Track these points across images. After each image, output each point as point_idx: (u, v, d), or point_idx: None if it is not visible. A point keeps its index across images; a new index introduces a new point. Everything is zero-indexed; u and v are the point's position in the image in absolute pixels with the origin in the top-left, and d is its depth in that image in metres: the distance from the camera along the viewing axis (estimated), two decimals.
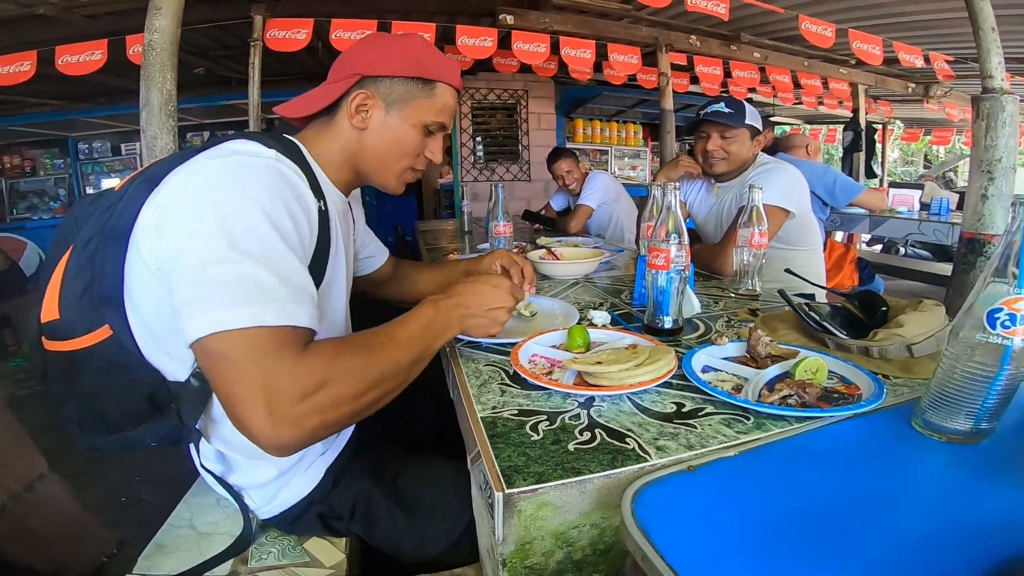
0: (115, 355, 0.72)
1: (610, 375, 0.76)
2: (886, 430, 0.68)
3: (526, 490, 0.55)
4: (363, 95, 0.85)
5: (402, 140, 0.88)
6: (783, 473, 0.58)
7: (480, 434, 0.67)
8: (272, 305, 0.61)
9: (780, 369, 0.84)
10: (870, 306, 1.08)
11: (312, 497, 0.90)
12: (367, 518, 0.91)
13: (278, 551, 0.90)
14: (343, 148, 0.87)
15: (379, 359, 0.70)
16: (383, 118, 0.86)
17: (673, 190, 1.03)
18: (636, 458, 0.60)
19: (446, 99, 0.90)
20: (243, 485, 0.86)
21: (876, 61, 3.59)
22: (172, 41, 2.23)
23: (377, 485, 0.92)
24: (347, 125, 0.86)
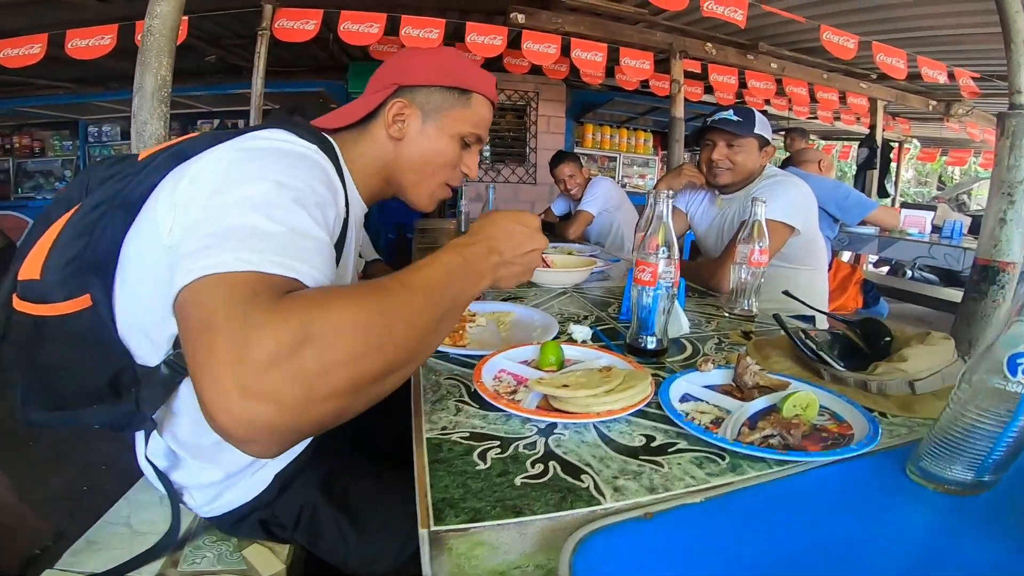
0: (88, 328, 0.68)
1: (576, 400, 0.70)
2: (877, 476, 0.61)
3: (455, 529, 0.49)
4: (400, 104, 0.84)
5: (439, 151, 0.87)
6: (755, 524, 0.51)
7: (421, 458, 0.60)
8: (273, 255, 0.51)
9: (767, 402, 0.77)
10: (873, 335, 1.00)
11: (255, 503, 0.86)
12: (312, 529, 0.87)
13: (214, 555, 0.86)
14: (377, 157, 0.86)
15: (389, 309, 0.50)
16: (420, 128, 0.85)
17: (665, 199, 0.96)
18: (588, 499, 0.53)
19: (482, 111, 0.89)
20: (186, 484, 0.83)
21: (900, 75, 3.50)
22: (172, 27, 2.20)
23: (326, 496, 0.88)
24: (383, 135, 0.85)
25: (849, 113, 5.54)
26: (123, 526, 0.89)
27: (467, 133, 0.88)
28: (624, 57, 3.77)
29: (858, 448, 0.61)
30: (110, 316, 0.69)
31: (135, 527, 0.89)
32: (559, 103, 5.90)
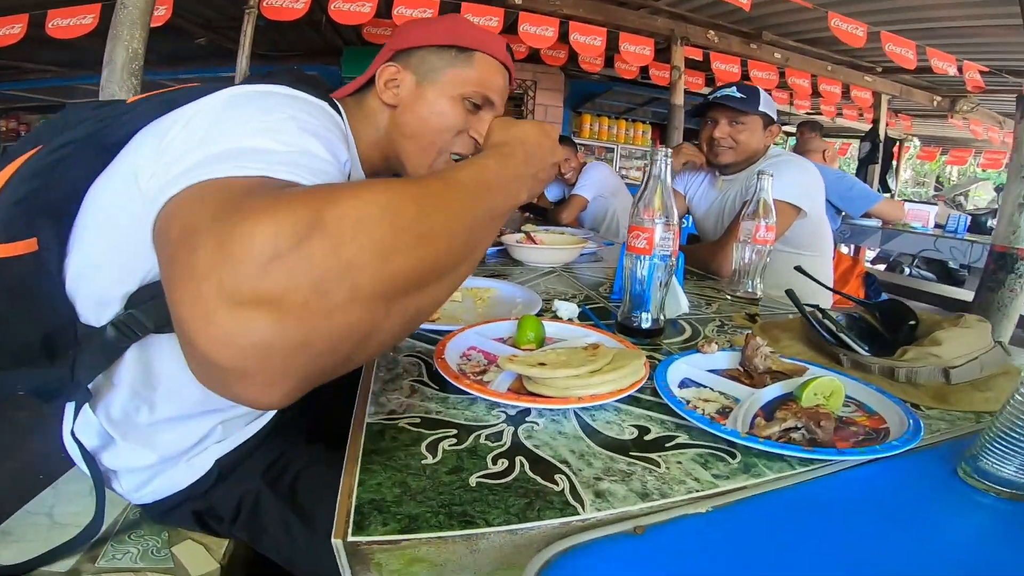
0: (28, 275, 0.61)
1: (554, 382, 0.57)
2: (921, 478, 0.49)
3: (382, 540, 0.36)
4: (393, 68, 0.79)
5: (438, 113, 0.80)
6: (775, 539, 0.39)
7: (354, 447, 0.48)
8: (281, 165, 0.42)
9: (782, 389, 0.65)
10: (895, 319, 0.89)
11: (190, 491, 0.76)
12: (253, 523, 0.78)
13: (138, 551, 0.77)
14: (375, 128, 0.82)
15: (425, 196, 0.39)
16: (415, 91, 0.80)
17: (664, 158, 0.83)
18: (562, 507, 0.40)
19: (489, 71, 0.82)
20: (115, 468, 0.75)
21: (910, 65, 3.39)
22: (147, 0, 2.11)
23: (271, 486, 0.78)
24: (378, 103, 0.81)
25: (852, 108, 5.43)
26: (44, 516, 0.82)
27: (471, 94, 0.80)
28: (624, 43, 3.63)
29: (901, 445, 0.49)
30: (58, 266, 0.62)
31: (56, 518, 0.82)
32: (557, 92, 5.76)
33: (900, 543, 0.41)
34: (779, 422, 0.52)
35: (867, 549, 0.39)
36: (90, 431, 0.73)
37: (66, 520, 0.81)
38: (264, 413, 0.85)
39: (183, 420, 0.73)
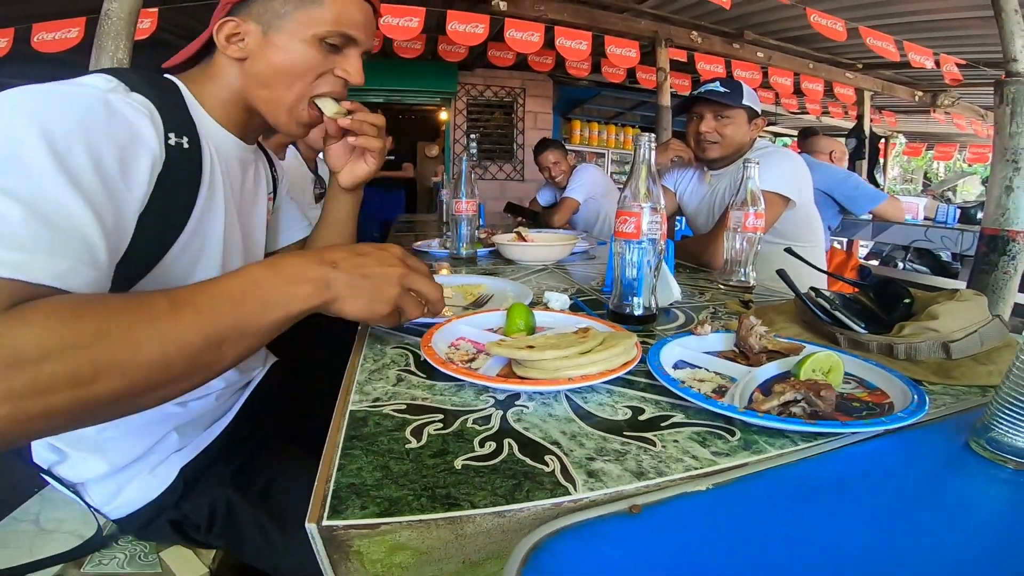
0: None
1: (543, 364, 0.55)
2: (931, 451, 0.47)
3: (360, 524, 0.34)
4: (233, 22, 0.73)
5: (292, 58, 0.74)
6: (780, 517, 0.37)
7: (335, 434, 0.45)
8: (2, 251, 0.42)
9: (779, 368, 0.63)
10: (889, 298, 0.87)
11: (161, 502, 0.74)
12: (230, 531, 0.75)
13: (125, 557, 0.75)
14: (227, 86, 0.76)
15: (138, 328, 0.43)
16: (263, 40, 0.74)
17: (647, 143, 0.82)
18: (552, 488, 0.38)
19: (343, 7, 0.75)
20: (77, 480, 0.73)
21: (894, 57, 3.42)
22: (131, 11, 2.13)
23: (241, 493, 0.76)
24: (225, 60, 0.75)
25: (836, 106, 5.48)
26: (30, 523, 0.81)
27: (326, 33, 0.74)
28: (610, 46, 3.65)
29: (908, 416, 0.47)
30: None
31: (43, 525, 0.81)
32: (546, 99, 5.79)
33: (914, 518, 0.38)
34: (777, 395, 0.50)
35: (880, 525, 0.37)
36: (42, 446, 0.72)
37: (51, 526, 0.80)
38: (222, 417, 0.83)
39: (130, 425, 0.71)
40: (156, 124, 0.61)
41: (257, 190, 0.89)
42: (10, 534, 0.79)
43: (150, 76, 0.68)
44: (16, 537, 0.78)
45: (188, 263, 0.69)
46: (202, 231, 0.70)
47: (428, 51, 4.47)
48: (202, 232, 0.70)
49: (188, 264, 0.69)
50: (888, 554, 0.33)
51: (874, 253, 5.75)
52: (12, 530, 0.79)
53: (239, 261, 0.81)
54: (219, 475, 0.76)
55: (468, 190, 1.48)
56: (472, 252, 1.52)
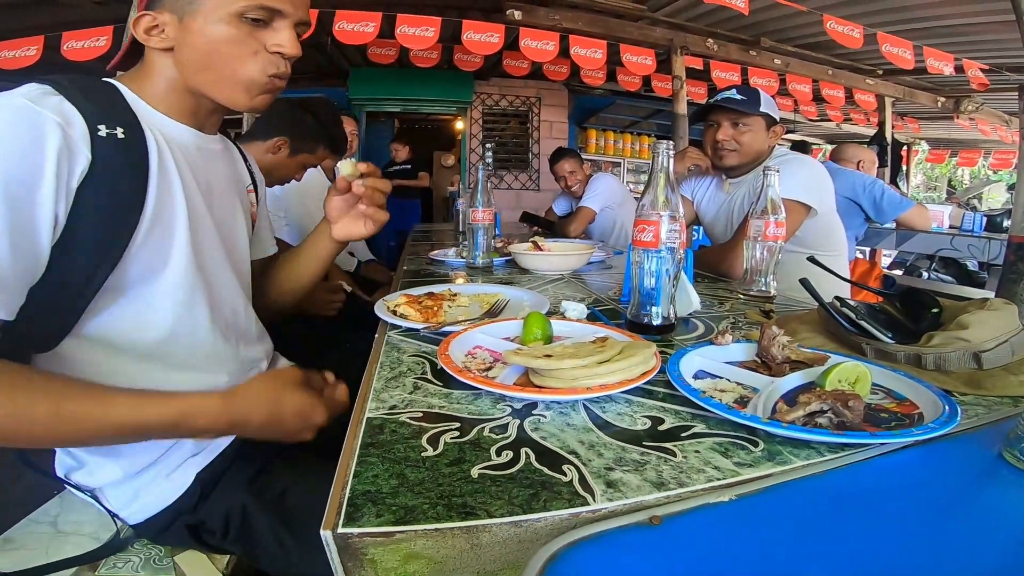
0: None
1: (561, 373, 0.54)
2: (962, 463, 0.46)
3: (375, 532, 0.33)
4: (148, 16, 0.71)
5: (216, 40, 0.71)
6: (807, 529, 0.36)
7: (352, 440, 0.45)
8: None
9: (803, 378, 0.62)
10: (917, 308, 0.85)
11: (178, 507, 0.75)
12: (245, 538, 0.75)
13: (140, 560, 0.76)
14: (164, 77, 0.75)
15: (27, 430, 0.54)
16: (181, 28, 0.72)
17: (665, 151, 0.81)
18: (570, 498, 0.37)
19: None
20: (94, 485, 0.74)
21: (908, 64, 3.36)
22: None
23: (256, 499, 0.76)
24: (155, 54, 0.74)
25: (858, 112, 5.40)
26: (47, 525, 0.82)
27: (244, 8, 0.70)
28: (625, 54, 3.66)
29: (938, 427, 0.46)
30: None
31: (60, 527, 0.82)
32: (561, 108, 5.81)
33: (946, 530, 0.37)
34: (803, 406, 0.48)
35: (910, 537, 0.36)
36: (64, 452, 0.73)
37: (68, 529, 0.81)
38: None
39: None
40: (73, 123, 0.61)
41: (230, 180, 0.88)
42: (28, 535, 0.80)
43: (82, 79, 0.68)
44: (33, 539, 0.79)
45: (155, 254, 0.68)
46: (163, 222, 0.69)
47: (444, 61, 4.51)
48: (163, 223, 0.69)
49: (155, 256, 0.68)
50: (918, 568, 0.32)
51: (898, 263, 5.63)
52: (30, 531, 0.81)
53: (216, 251, 0.79)
54: (235, 481, 0.76)
55: (484, 199, 1.49)
56: (488, 261, 1.52)
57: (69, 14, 3.31)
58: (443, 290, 1.08)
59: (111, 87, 0.71)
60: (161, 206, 0.69)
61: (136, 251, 0.65)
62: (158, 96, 0.75)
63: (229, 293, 0.83)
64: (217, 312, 0.78)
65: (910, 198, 2.77)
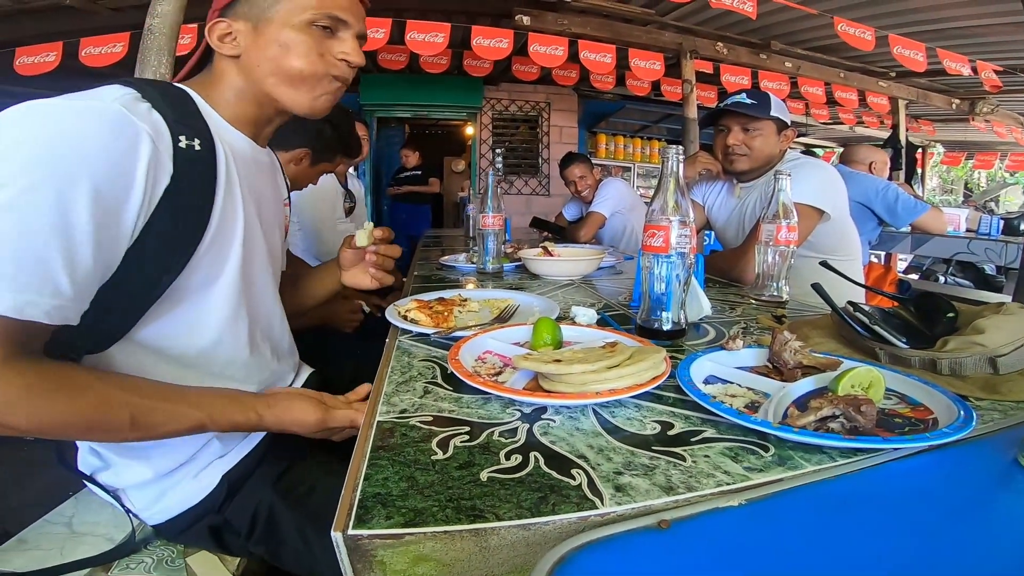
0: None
1: (570, 378, 0.55)
2: (980, 469, 0.45)
3: (384, 535, 0.34)
4: (222, 24, 0.76)
5: (287, 45, 0.75)
6: (819, 534, 0.36)
7: (363, 443, 0.46)
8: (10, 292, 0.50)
9: (815, 383, 0.61)
10: (931, 312, 0.84)
11: (203, 507, 0.76)
12: (270, 537, 0.76)
13: (152, 561, 0.77)
14: (230, 86, 0.78)
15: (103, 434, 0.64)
16: (254, 34, 0.76)
17: (675, 155, 0.81)
18: (579, 502, 0.38)
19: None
20: (119, 486, 0.76)
21: (920, 67, 3.32)
22: (172, 26, 2.18)
23: (283, 497, 0.77)
24: (224, 61, 0.78)
25: (871, 115, 5.35)
26: (63, 526, 0.83)
27: (315, 18, 0.75)
28: (634, 59, 3.66)
29: (953, 432, 0.45)
30: None
31: (75, 528, 0.83)
32: (571, 113, 5.82)
33: (960, 536, 0.36)
34: (814, 411, 0.48)
35: (923, 543, 0.35)
36: (89, 451, 0.75)
37: (84, 530, 0.82)
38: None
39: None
40: (161, 134, 0.63)
41: (274, 193, 0.91)
42: (42, 536, 0.81)
43: (163, 86, 0.71)
44: (48, 539, 0.80)
45: (211, 269, 0.70)
46: (224, 231, 0.72)
47: (454, 66, 4.54)
48: (224, 232, 0.72)
49: (210, 271, 0.70)
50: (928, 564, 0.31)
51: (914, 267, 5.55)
52: (45, 532, 0.82)
53: (262, 262, 0.82)
54: (262, 480, 0.78)
55: (494, 205, 1.50)
56: (498, 267, 1.52)
57: (86, 21, 3.36)
58: (453, 295, 1.08)
59: (185, 95, 0.74)
60: (224, 217, 0.72)
61: (199, 260, 0.68)
62: (224, 104, 0.78)
63: (268, 304, 0.86)
64: (255, 323, 0.81)
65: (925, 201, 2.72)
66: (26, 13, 3.33)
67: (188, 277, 0.67)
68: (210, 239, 0.69)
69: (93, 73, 3.28)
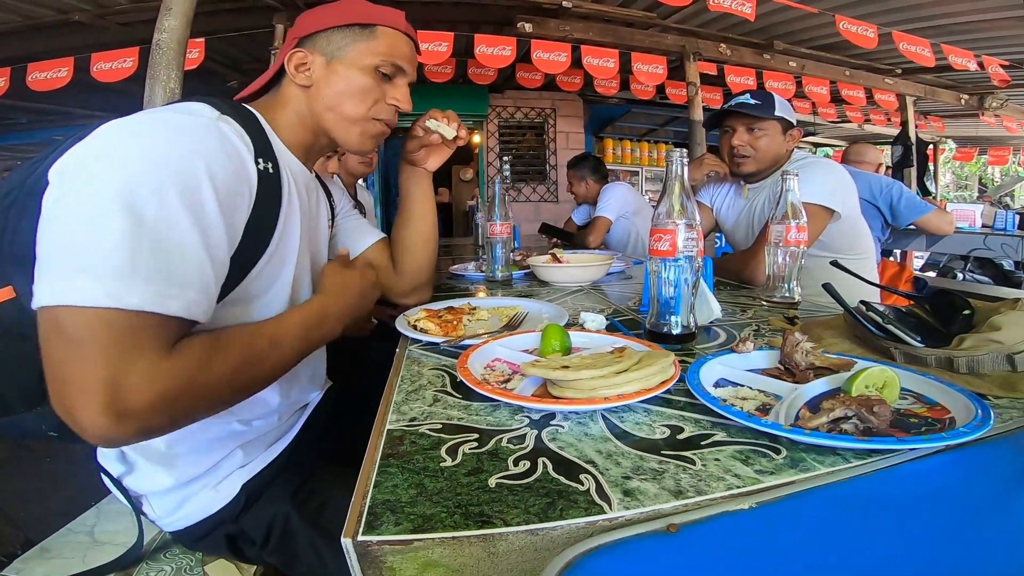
0: (13, 319, 0.64)
1: (579, 384, 0.54)
2: (999, 469, 0.44)
3: (393, 540, 0.34)
4: (301, 53, 0.83)
5: (351, 85, 0.83)
6: (831, 537, 0.35)
7: (373, 451, 0.46)
8: (141, 285, 0.51)
9: (828, 385, 0.60)
10: (947, 310, 0.82)
11: (221, 516, 0.77)
12: (284, 548, 0.77)
13: (172, 569, 0.78)
14: (295, 112, 0.84)
15: (258, 367, 0.64)
16: (326, 69, 0.83)
17: (679, 159, 0.81)
18: (587, 507, 0.37)
19: (393, 41, 0.86)
20: (141, 491, 0.77)
21: (929, 63, 3.29)
22: (179, 41, 2.21)
23: (299, 510, 0.77)
24: (293, 88, 0.84)
25: (879, 112, 5.30)
26: (84, 534, 0.86)
27: (379, 64, 0.84)
28: (637, 63, 3.67)
29: (970, 431, 0.44)
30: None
31: (97, 536, 0.86)
32: (577, 118, 5.83)
33: (980, 538, 0.36)
34: (826, 412, 0.47)
35: (941, 546, 0.35)
36: (115, 457, 0.76)
37: (105, 539, 0.84)
38: (283, 436, 0.85)
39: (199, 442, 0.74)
40: (250, 152, 0.68)
41: (319, 214, 0.95)
42: (65, 544, 0.83)
43: (236, 105, 0.75)
44: (70, 548, 0.82)
45: (267, 280, 0.73)
46: (280, 251, 0.75)
47: (458, 75, 4.57)
48: (280, 252, 0.75)
49: (266, 282, 0.73)
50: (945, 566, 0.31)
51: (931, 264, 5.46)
52: (67, 541, 0.84)
53: (307, 280, 0.86)
54: (280, 492, 0.79)
55: (502, 212, 1.50)
56: (508, 275, 1.52)
57: (95, 36, 3.43)
58: (463, 304, 1.09)
59: (255, 116, 0.78)
60: (283, 238, 0.76)
61: (254, 277, 0.71)
62: (287, 129, 0.83)
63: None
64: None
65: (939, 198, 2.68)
66: (36, 29, 3.39)
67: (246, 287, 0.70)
68: (266, 259, 0.71)
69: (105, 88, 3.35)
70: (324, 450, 0.90)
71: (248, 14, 3.37)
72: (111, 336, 0.50)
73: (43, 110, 4.92)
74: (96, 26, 3.35)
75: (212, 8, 3.23)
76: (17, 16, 3.26)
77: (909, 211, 2.52)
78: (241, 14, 3.39)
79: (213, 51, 3.57)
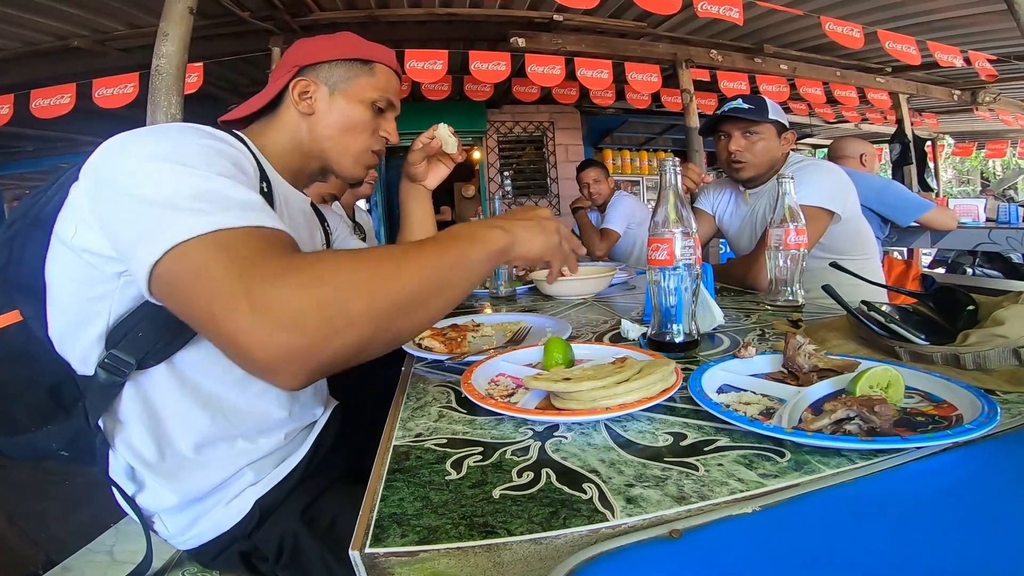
0: (20, 343, 0.68)
1: (580, 395, 0.55)
2: (1007, 466, 0.44)
3: (400, 552, 0.35)
4: (304, 81, 0.86)
5: (353, 117, 0.88)
6: (837, 539, 0.35)
7: (380, 467, 0.47)
8: (236, 212, 0.52)
9: (832, 387, 0.60)
10: (951, 306, 0.82)
11: (235, 533, 0.77)
12: (296, 564, 0.77)
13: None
14: (291, 138, 0.87)
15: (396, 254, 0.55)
16: (329, 100, 0.87)
17: (672, 167, 0.82)
18: (590, 515, 0.38)
19: (388, 79, 0.92)
20: (153, 509, 0.76)
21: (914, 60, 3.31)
22: (178, 66, 2.24)
23: (308, 527, 0.78)
24: (293, 114, 0.87)
25: (874, 111, 5.31)
26: (104, 554, 0.88)
27: (377, 99, 0.90)
28: (631, 72, 3.70)
29: (977, 427, 0.44)
30: (43, 332, 0.67)
31: (116, 556, 0.88)
32: (575, 130, 5.88)
33: (989, 537, 0.36)
34: (828, 414, 0.47)
35: (948, 544, 0.35)
36: (120, 472, 0.75)
37: (125, 558, 0.86)
38: (293, 455, 0.85)
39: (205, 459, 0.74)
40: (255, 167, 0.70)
41: (312, 239, 0.96)
42: (86, 564, 0.84)
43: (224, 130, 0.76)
44: (91, 567, 0.83)
45: None
46: None
47: (455, 92, 4.61)
48: None
49: None
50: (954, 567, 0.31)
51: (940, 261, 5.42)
52: (88, 560, 0.85)
53: None
54: (291, 510, 0.79)
55: None
56: (511, 290, 1.53)
57: (95, 62, 3.47)
58: (467, 321, 1.09)
59: (244, 140, 0.80)
60: None
61: None
62: (277, 153, 0.86)
63: None
64: None
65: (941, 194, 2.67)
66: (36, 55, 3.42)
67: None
68: None
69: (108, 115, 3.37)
70: (334, 468, 0.91)
71: (245, 38, 3.42)
72: (228, 251, 0.48)
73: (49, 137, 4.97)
74: (96, 52, 3.39)
75: (209, 33, 3.27)
76: (17, 42, 3.29)
77: (910, 209, 2.51)
78: (238, 38, 3.44)
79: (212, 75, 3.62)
